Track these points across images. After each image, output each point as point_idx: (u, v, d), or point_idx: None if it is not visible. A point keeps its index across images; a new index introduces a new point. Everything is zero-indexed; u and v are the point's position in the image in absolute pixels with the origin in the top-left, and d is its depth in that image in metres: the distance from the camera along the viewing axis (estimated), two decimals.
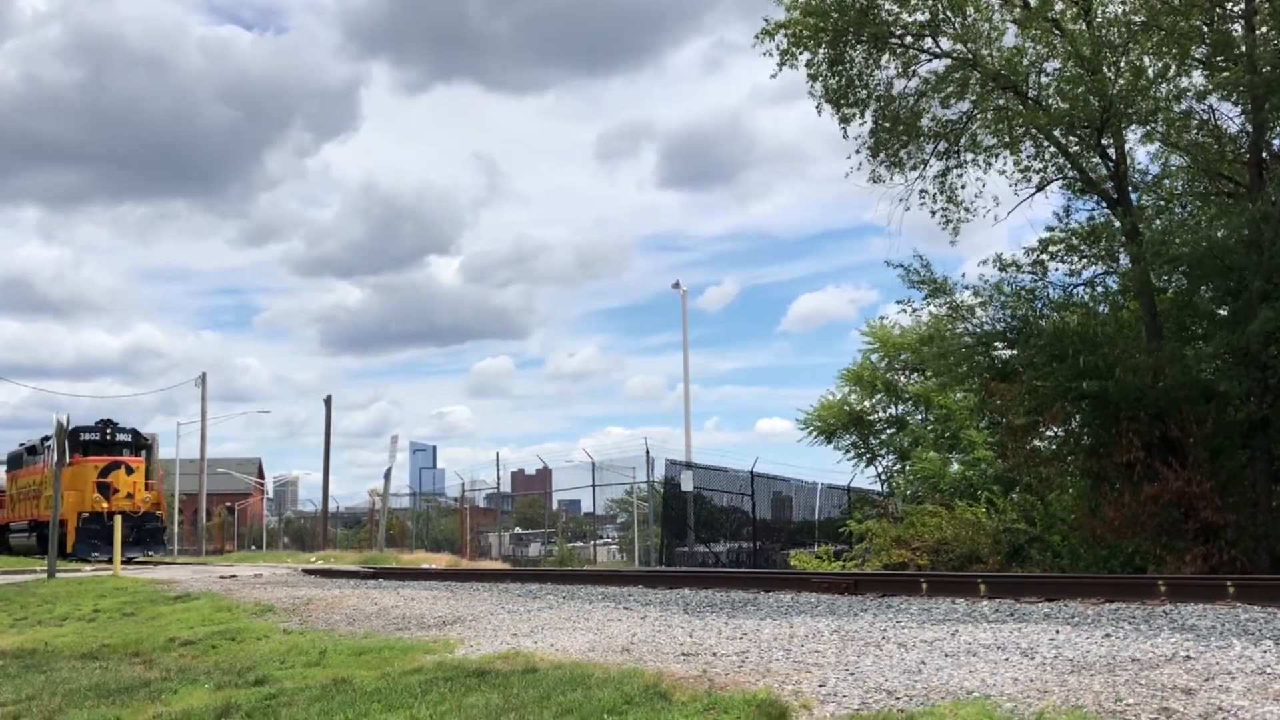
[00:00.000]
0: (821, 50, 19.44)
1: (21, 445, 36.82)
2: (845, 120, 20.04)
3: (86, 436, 32.44)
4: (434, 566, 22.94)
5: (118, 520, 23.41)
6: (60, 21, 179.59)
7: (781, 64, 19.47)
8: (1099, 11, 18.48)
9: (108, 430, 33.07)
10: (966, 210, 20.39)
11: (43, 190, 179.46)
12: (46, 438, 33.00)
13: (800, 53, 19.40)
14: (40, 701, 7.24)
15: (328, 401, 43.00)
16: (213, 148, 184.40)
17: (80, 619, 12.67)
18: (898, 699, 4.86)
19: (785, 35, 19.25)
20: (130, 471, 32.02)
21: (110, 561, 26.99)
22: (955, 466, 31.38)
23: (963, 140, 19.94)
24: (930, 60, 19.59)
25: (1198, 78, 18.04)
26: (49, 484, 30.16)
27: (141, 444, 34.38)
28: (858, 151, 20.27)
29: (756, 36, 19.47)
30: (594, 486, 33.31)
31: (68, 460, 30.11)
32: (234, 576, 18.41)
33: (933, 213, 20.53)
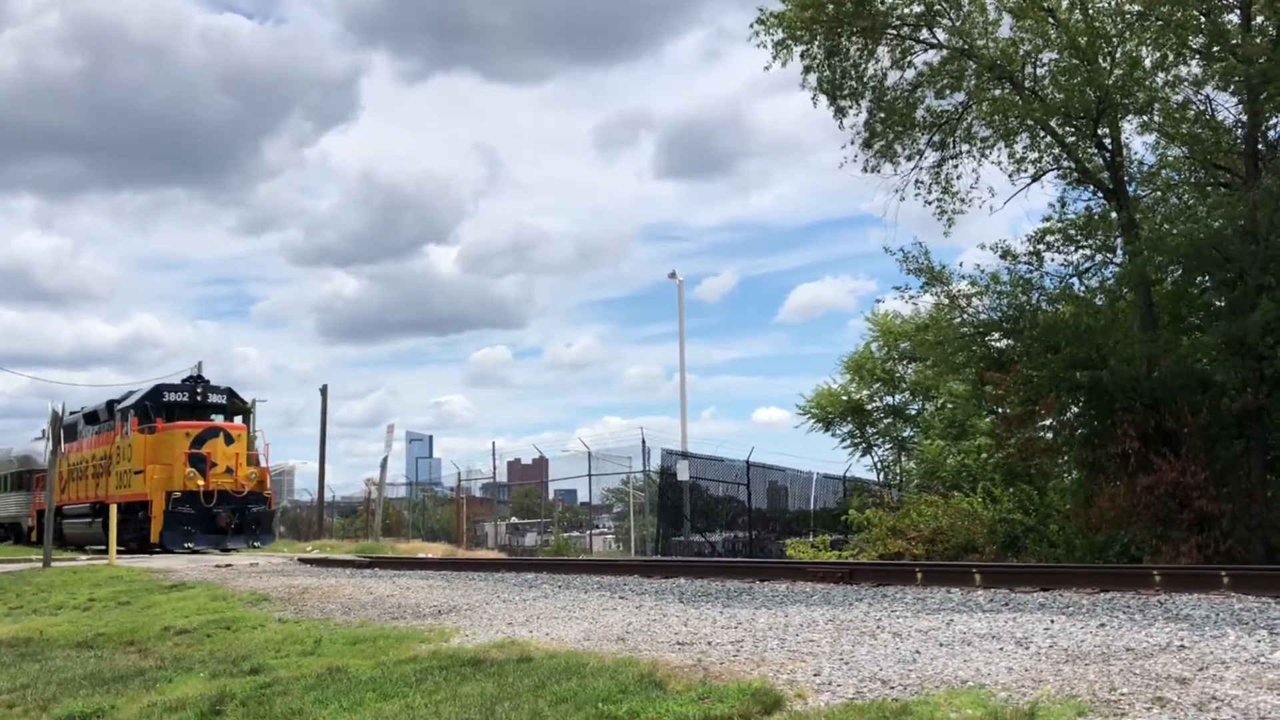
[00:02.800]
0: (817, 42, 19.42)
1: (75, 413, 29.80)
2: (841, 112, 20.08)
3: (172, 397, 26.38)
4: (430, 556, 22.94)
5: (113, 508, 21.71)
6: (60, 10, 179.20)
7: (776, 56, 19.47)
8: (1094, 1, 18.46)
9: (199, 390, 26.81)
10: (962, 201, 20.43)
11: (41, 179, 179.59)
12: (114, 402, 28.11)
13: (795, 45, 19.38)
14: (35, 690, 7.23)
15: (323, 391, 43.02)
16: (212, 137, 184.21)
17: (75, 608, 12.65)
18: (892, 688, 4.86)
19: (780, 28, 19.21)
20: (230, 441, 25.84)
21: (203, 552, 24.05)
22: (952, 458, 31.36)
23: (958, 131, 19.93)
24: (926, 51, 19.63)
25: (1194, 68, 18.05)
26: (122, 456, 26.48)
27: (239, 407, 27.71)
28: (852, 142, 20.34)
29: (751, 27, 19.47)
30: (590, 476, 33.31)
31: (151, 426, 25.70)
32: (229, 565, 18.40)
33: (928, 203, 20.58)
